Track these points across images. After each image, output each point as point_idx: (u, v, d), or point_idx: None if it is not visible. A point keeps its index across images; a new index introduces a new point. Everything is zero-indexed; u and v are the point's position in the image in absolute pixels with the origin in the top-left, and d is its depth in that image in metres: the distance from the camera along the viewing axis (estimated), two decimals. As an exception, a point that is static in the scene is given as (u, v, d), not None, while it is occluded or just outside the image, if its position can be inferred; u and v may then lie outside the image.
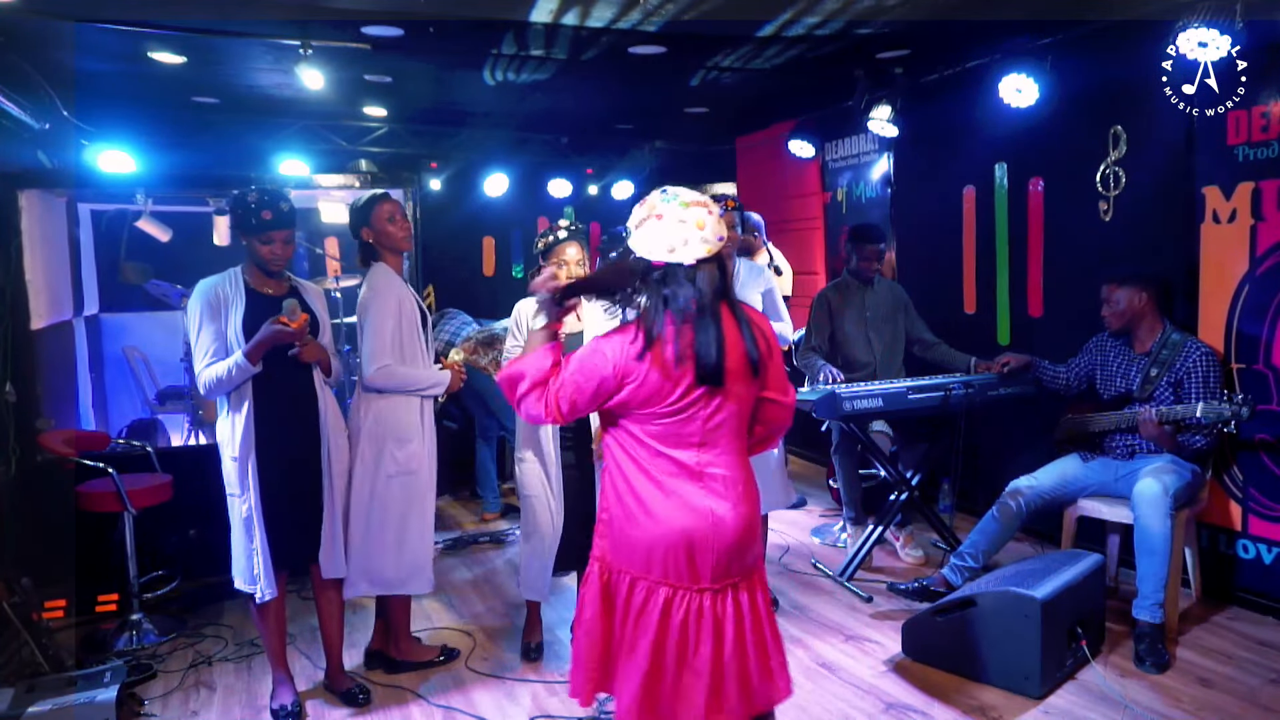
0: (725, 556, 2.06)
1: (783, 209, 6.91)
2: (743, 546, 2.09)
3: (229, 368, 2.93)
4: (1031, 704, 3.13)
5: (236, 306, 3.00)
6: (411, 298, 3.37)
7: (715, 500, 2.06)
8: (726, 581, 2.07)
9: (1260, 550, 3.82)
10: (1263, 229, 3.71)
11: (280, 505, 3.06)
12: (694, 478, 2.06)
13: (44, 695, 3.02)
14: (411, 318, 3.33)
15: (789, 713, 3.14)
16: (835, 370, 4.41)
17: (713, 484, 2.07)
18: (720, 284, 2.05)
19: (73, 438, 4.25)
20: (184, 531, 4.41)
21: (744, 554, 2.10)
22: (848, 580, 4.34)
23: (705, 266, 2.02)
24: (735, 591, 2.09)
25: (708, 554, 2.04)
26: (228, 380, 2.94)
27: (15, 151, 4.99)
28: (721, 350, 2.01)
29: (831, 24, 4.26)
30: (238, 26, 4.23)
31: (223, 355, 2.97)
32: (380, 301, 3.25)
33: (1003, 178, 5.02)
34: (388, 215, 3.33)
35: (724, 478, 2.08)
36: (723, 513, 2.05)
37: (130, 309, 7.12)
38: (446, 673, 3.54)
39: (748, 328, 2.08)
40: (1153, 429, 3.58)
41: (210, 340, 2.97)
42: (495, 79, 5.32)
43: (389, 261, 3.38)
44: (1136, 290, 3.76)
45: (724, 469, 2.08)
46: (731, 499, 2.07)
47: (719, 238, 2.04)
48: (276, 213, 2.98)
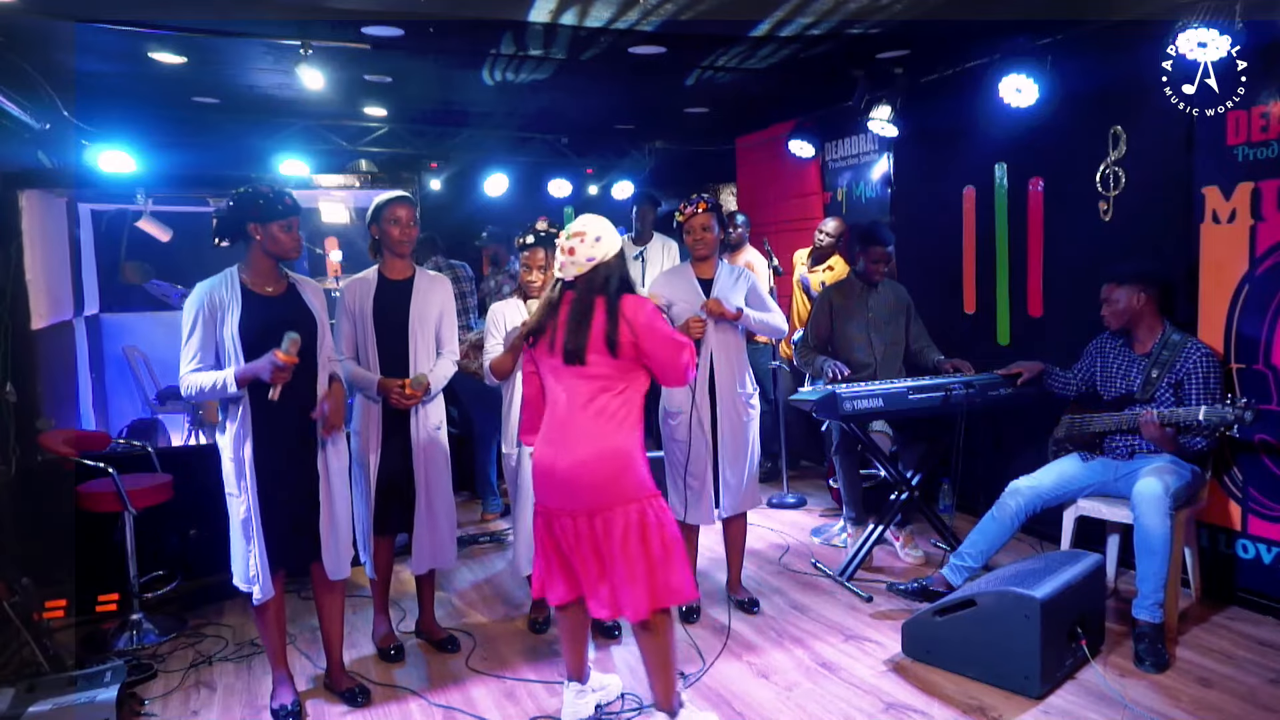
0: (559, 491, 2.76)
1: (783, 209, 6.91)
2: (579, 482, 2.72)
3: (214, 382, 2.92)
4: (1031, 704, 3.13)
5: (233, 310, 2.99)
6: (372, 296, 3.49)
7: (553, 447, 2.78)
8: (574, 508, 2.74)
9: (1260, 550, 3.83)
10: (1262, 229, 3.71)
11: (279, 505, 3.05)
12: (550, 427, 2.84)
13: (44, 695, 3.02)
14: (365, 316, 3.46)
15: (789, 712, 3.15)
16: (840, 365, 4.40)
17: (553, 435, 2.80)
18: (599, 286, 2.76)
19: (73, 438, 4.24)
20: (184, 531, 4.41)
21: (581, 488, 2.72)
22: (848, 580, 4.34)
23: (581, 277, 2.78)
24: (589, 518, 2.73)
25: (549, 487, 2.79)
26: (209, 393, 2.94)
27: (15, 151, 4.99)
28: (580, 336, 2.73)
29: (831, 24, 4.26)
30: (238, 26, 4.23)
31: (209, 362, 2.97)
32: (340, 302, 3.53)
33: (1003, 178, 5.02)
34: (392, 218, 3.47)
35: (564, 429, 2.78)
36: (554, 456, 2.77)
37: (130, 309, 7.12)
38: (447, 672, 3.54)
39: (612, 318, 2.72)
40: (1154, 430, 3.58)
41: (198, 345, 2.96)
42: (495, 79, 5.32)
43: (387, 260, 3.53)
44: (1136, 290, 3.76)
45: (569, 422, 2.78)
46: (563, 445, 2.76)
47: (588, 259, 2.77)
48: (293, 199, 3.07)
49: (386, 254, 3.52)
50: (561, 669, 3.41)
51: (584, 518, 2.75)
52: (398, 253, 3.50)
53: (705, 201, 3.77)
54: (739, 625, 3.91)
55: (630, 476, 2.75)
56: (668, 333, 2.79)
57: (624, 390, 2.79)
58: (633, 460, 2.77)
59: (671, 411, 3.85)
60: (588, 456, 2.73)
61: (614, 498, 2.72)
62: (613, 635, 3.80)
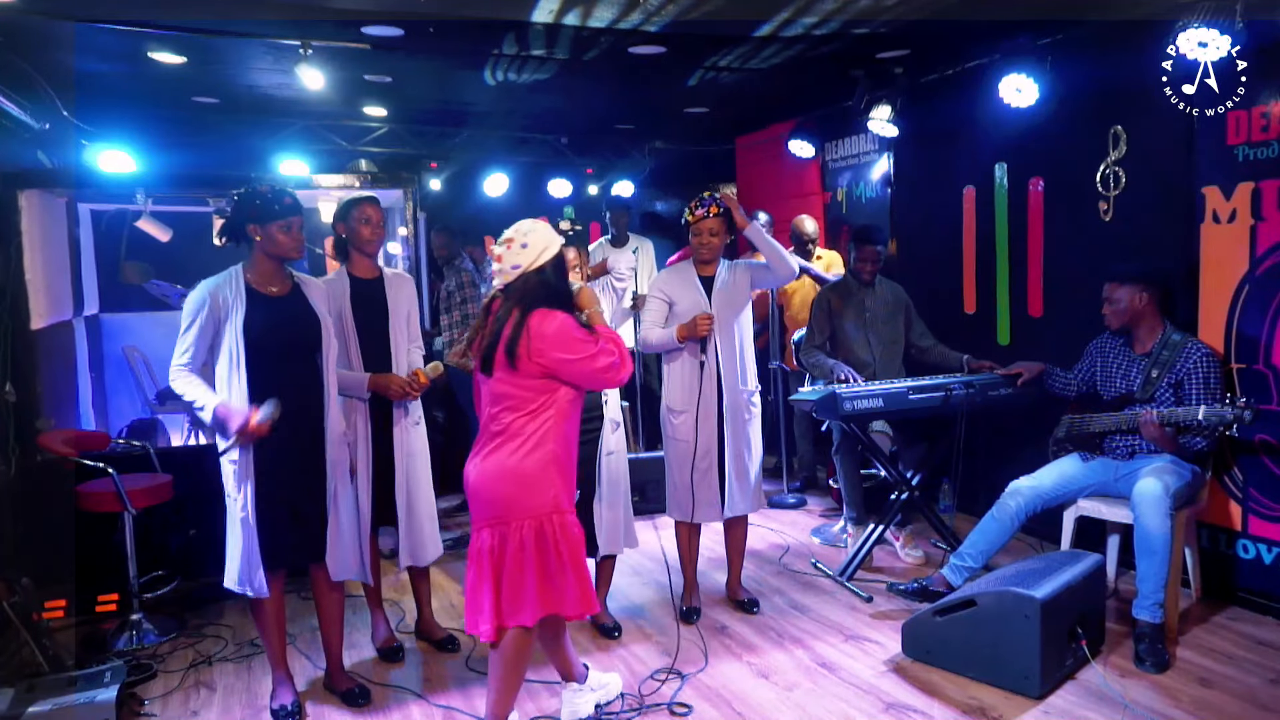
0: (472, 500, 2.72)
1: (783, 209, 6.90)
2: (479, 495, 2.69)
3: (195, 400, 2.93)
4: (1031, 704, 3.13)
5: (238, 309, 2.98)
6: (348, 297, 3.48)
7: (474, 458, 2.74)
8: (484, 521, 2.69)
9: (1260, 550, 3.82)
10: (1263, 229, 3.71)
11: (279, 506, 3.05)
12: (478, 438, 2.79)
13: (44, 695, 3.02)
14: (345, 317, 3.44)
15: (789, 712, 3.15)
16: (849, 369, 4.41)
17: (477, 443, 2.76)
18: (517, 295, 2.67)
19: (73, 438, 4.24)
20: (184, 531, 4.41)
21: (480, 502, 2.69)
22: (848, 580, 4.34)
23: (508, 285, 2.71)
24: (494, 530, 2.67)
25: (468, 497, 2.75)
26: (185, 401, 2.97)
27: (15, 151, 4.99)
28: (490, 347, 2.67)
29: (831, 24, 4.26)
30: (238, 26, 4.23)
31: (202, 360, 2.97)
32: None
33: (1003, 178, 5.02)
34: (363, 217, 3.47)
35: (483, 440, 2.73)
36: (471, 467, 2.73)
37: (130, 309, 7.13)
38: (446, 673, 3.54)
39: (516, 331, 2.62)
40: (1154, 430, 3.58)
41: (194, 339, 2.95)
42: (496, 79, 5.32)
43: (355, 260, 3.54)
44: (1138, 290, 3.75)
45: (486, 433, 2.72)
46: (479, 457, 2.72)
47: (513, 266, 2.69)
48: (293, 199, 3.04)
49: (354, 254, 3.52)
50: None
51: (487, 529, 2.69)
52: (366, 252, 3.51)
53: (717, 205, 3.72)
54: (739, 625, 3.91)
55: (530, 497, 2.66)
56: (579, 341, 2.65)
57: (535, 410, 2.66)
58: (532, 483, 2.66)
59: (675, 410, 3.84)
60: (486, 472, 2.68)
61: (510, 513, 2.66)
62: (613, 635, 3.80)
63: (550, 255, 2.72)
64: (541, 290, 2.68)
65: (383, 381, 3.43)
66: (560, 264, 2.76)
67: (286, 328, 3.01)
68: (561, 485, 2.72)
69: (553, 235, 2.76)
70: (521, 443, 2.66)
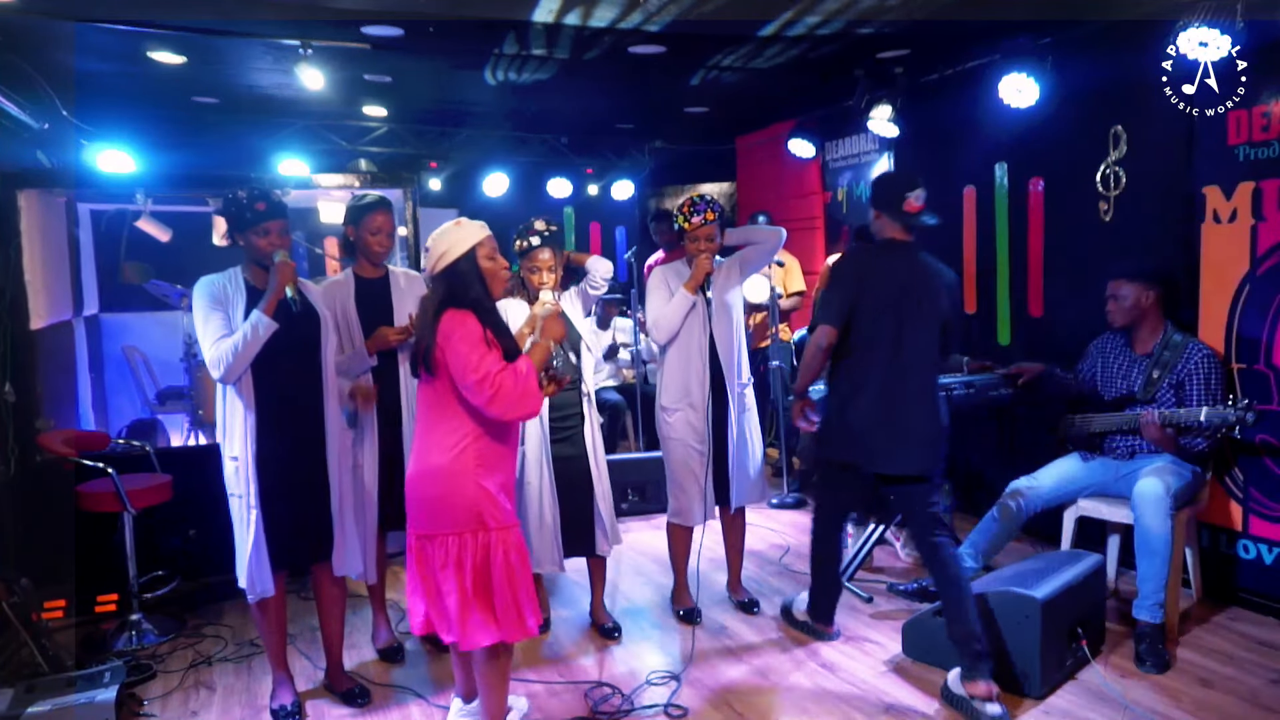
0: (406, 504, 2.69)
1: (783, 209, 6.91)
2: (409, 498, 2.67)
3: (244, 332, 2.88)
4: (1031, 704, 3.13)
5: (238, 304, 2.99)
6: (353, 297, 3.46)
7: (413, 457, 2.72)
8: (418, 526, 2.65)
9: (1261, 550, 3.82)
10: (1263, 229, 3.71)
11: (281, 505, 3.04)
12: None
13: (44, 695, 3.02)
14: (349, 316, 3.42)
15: (789, 712, 3.15)
16: None
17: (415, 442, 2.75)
18: (436, 299, 2.64)
19: (73, 438, 4.24)
20: (184, 531, 4.41)
21: (411, 504, 2.66)
22: (848, 580, 4.33)
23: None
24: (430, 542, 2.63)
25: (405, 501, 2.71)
26: (244, 347, 2.88)
27: (15, 151, 4.98)
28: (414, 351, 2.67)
29: (832, 24, 4.26)
30: (238, 26, 4.23)
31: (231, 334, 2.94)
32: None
33: (1003, 178, 5.02)
34: (373, 227, 3.45)
35: (414, 443, 2.73)
36: (410, 467, 2.71)
37: (130, 309, 7.11)
38: (446, 673, 3.53)
39: (430, 332, 2.59)
40: (1155, 431, 3.58)
41: (219, 324, 2.93)
42: (496, 79, 5.32)
43: (361, 261, 3.52)
44: (1145, 287, 3.75)
45: (416, 436, 2.72)
46: (414, 458, 2.71)
47: (427, 272, 2.70)
48: (269, 203, 3.01)
49: (361, 256, 3.51)
50: (564, 671, 3.42)
51: (416, 538, 2.67)
52: (375, 262, 3.52)
53: (713, 211, 3.72)
54: (739, 625, 3.91)
55: (455, 505, 2.59)
56: (467, 348, 2.52)
57: (461, 410, 2.61)
58: (458, 486, 2.59)
59: (669, 407, 3.82)
60: (415, 473, 2.67)
61: (437, 524, 2.61)
62: (613, 636, 3.79)
63: (452, 257, 2.63)
64: (444, 290, 2.64)
65: (380, 337, 3.38)
66: (469, 263, 2.65)
67: (286, 325, 3.01)
68: (495, 488, 2.64)
69: (458, 236, 2.67)
70: (448, 449, 2.61)
